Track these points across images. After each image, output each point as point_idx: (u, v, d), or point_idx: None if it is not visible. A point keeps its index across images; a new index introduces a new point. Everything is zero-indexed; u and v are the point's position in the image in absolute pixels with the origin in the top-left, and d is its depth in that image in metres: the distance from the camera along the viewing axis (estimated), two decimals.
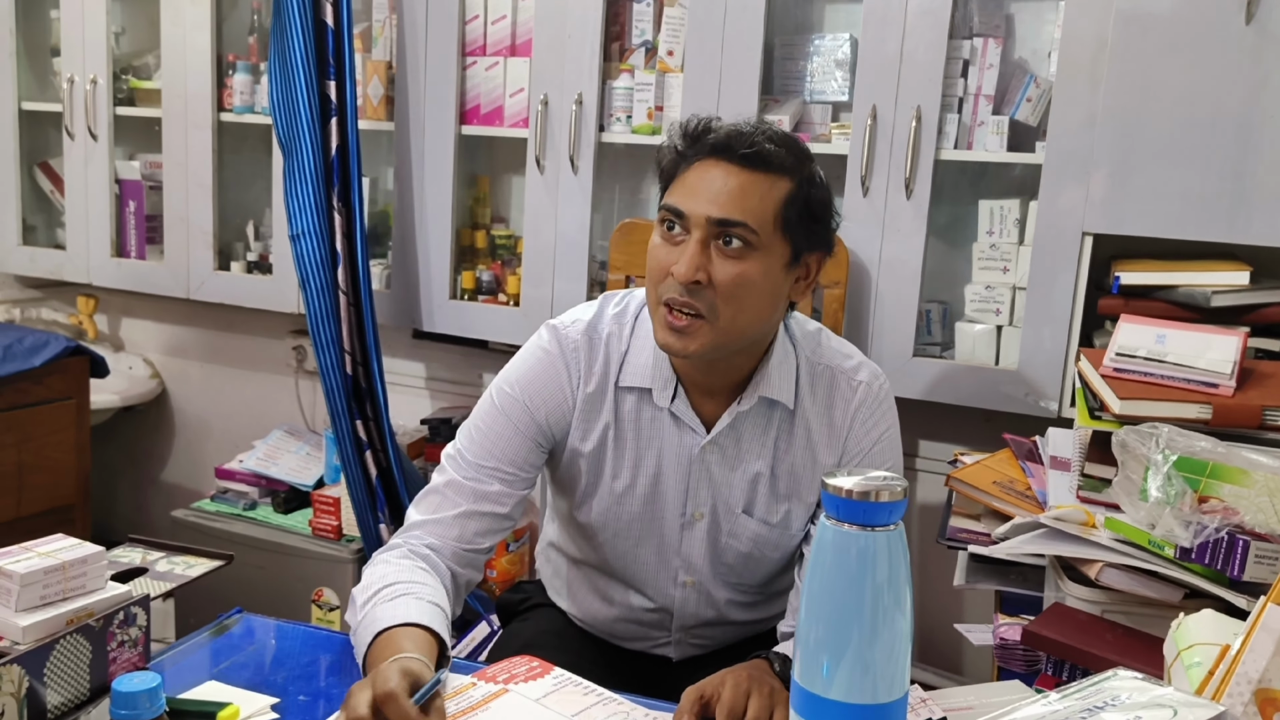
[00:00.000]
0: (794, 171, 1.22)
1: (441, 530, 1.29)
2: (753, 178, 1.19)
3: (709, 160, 1.21)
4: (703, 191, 1.19)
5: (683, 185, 1.22)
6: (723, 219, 1.18)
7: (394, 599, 1.17)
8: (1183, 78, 1.76)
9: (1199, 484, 1.19)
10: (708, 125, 1.23)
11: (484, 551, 1.32)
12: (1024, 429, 1.78)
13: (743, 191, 1.19)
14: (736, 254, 1.19)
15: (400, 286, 2.47)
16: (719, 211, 1.18)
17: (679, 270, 1.18)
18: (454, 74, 2.34)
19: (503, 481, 1.31)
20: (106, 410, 2.91)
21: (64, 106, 2.75)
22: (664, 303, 1.22)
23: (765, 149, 1.19)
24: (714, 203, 1.18)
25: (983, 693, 1.08)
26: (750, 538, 1.37)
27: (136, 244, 2.79)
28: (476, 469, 1.31)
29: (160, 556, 1.16)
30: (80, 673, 0.92)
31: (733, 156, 1.19)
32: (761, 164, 1.19)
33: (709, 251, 1.19)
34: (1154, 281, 1.79)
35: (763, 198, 1.19)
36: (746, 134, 1.20)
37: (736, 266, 1.19)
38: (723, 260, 1.19)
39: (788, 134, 1.26)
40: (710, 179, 1.20)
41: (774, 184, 1.20)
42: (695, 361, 1.27)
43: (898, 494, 0.80)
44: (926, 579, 2.32)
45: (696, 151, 1.22)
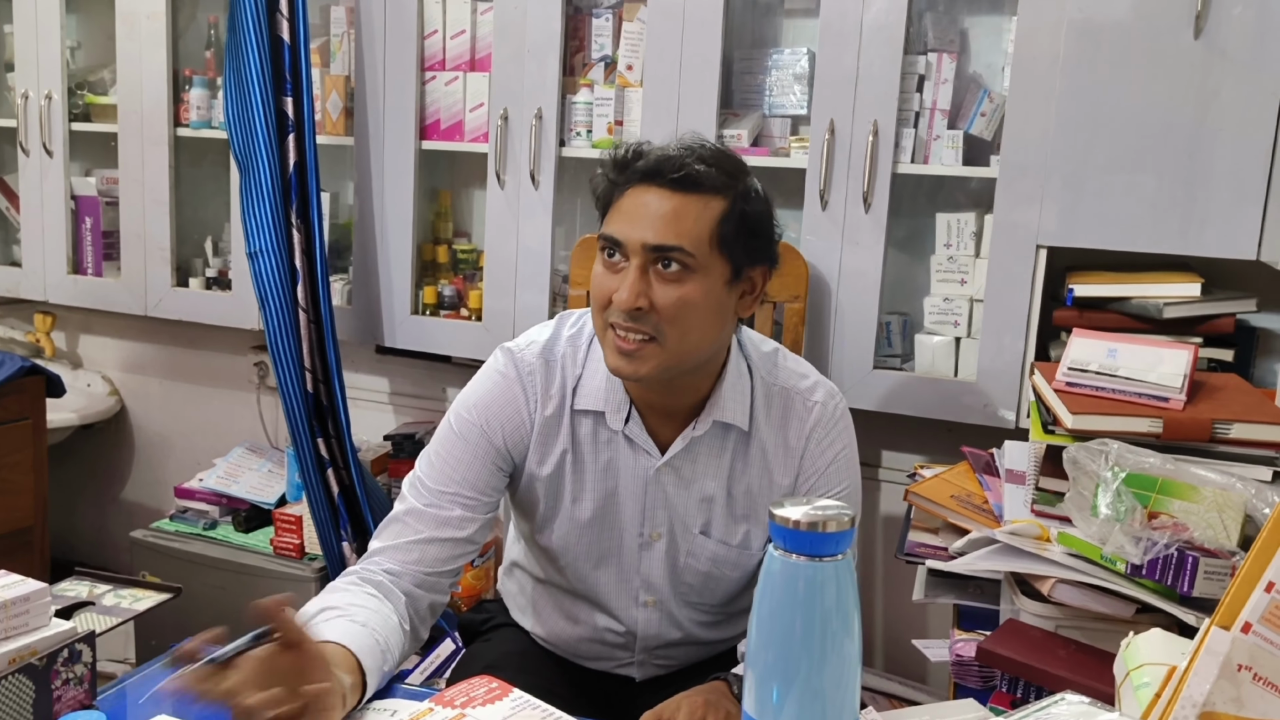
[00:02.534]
0: (727, 189, 1.22)
1: (401, 556, 1.28)
2: (685, 200, 1.20)
3: (641, 186, 1.21)
4: (637, 219, 1.20)
5: (618, 213, 1.23)
6: (658, 245, 1.19)
7: (328, 621, 1.15)
8: (1134, 91, 1.78)
9: (1149, 500, 1.20)
10: (638, 152, 1.24)
11: (448, 574, 1.31)
12: (985, 439, 1.79)
13: (676, 215, 1.19)
14: (675, 277, 1.20)
15: (362, 302, 2.45)
16: (654, 238, 1.19)
17: (619, 298, 1.19)
18: (413, 89, 2.33)
19: (464, 506, 1.30)
20: (65, 429, 2.87)
21: (18, 122, 2.71)
22: (610, 325, 1.22)
23: (694, 170, 1.20)
24: (649, 229, 1.19)
25: (938, 712, 1.09)
26: (709, 558, 1.37)
27: (94, 261, 2.75)
28: (437, 495, 1.30)
29: (107, 589, 1.14)
30: (23, 713, 0.91)
31: (663, 181, 1.20)
32: (693, 186, 1.20)
33: (648, 277, 1.20)
34: (1107, 293, 1.81)
35: (696, 219, 1.20)
36: (675, 158, 1.21)
37: (677, 290, 1.20)
38: (662, 284, 1.20)
39: (720, 151, 1.26)
40: (644, 205, 1.20)
41: (707, 204, 1.21)
42: (648, 384, 1.27)
43: (845, 524, 0.80)
44: (893, 589, 2.33)
45: (628, 179, 1.23)
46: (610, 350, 1.24)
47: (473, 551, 1.33)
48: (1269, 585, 0.81)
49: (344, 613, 1.17)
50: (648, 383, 1.26)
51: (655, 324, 1.20)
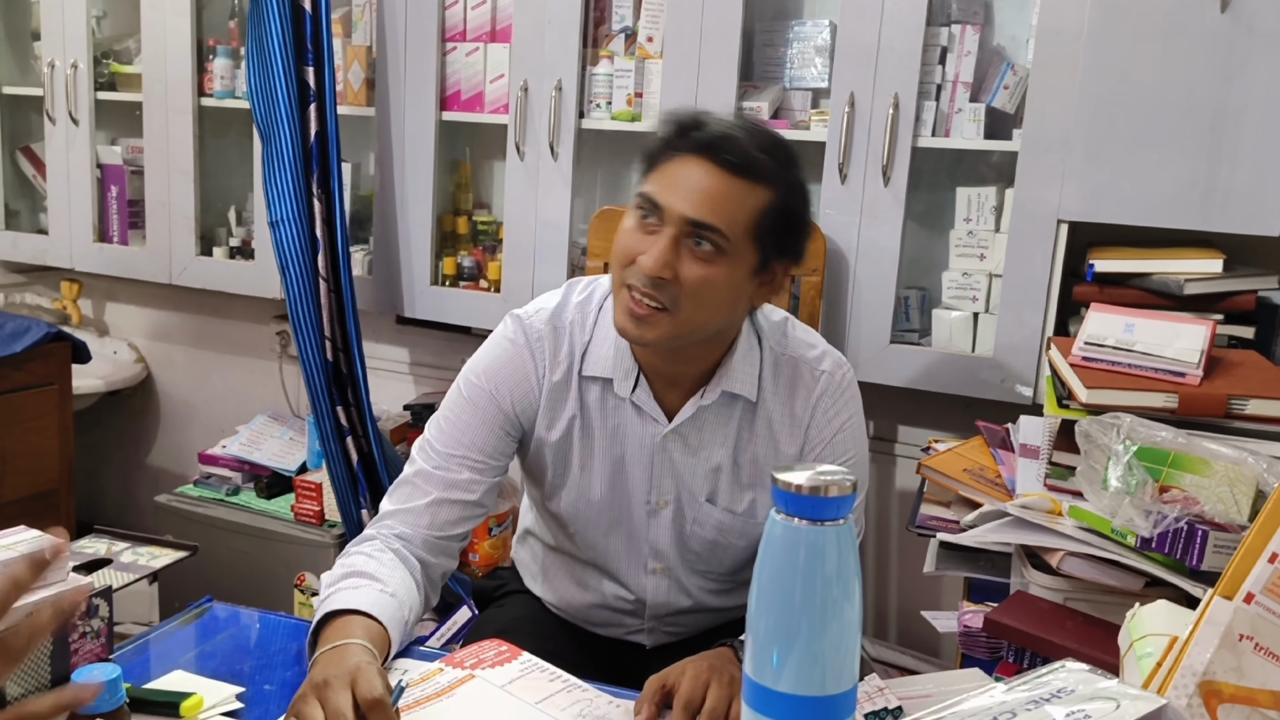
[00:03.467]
0: (776, 180, 1.21)
1: (412, 519, 1.30)
2: (733, 183, 1.18)
3: (694, 157, 1.19)
4: (682, 188, 1.19)
5: (663, 176, 1.21)
6: (696, 220, 1.18)
7: (356, 589, 1.18)
8: (1159, 66, 1.76)
9: (1160, 474, 1.20)
10: (699, 120, 1.21)
11: (457, 538, 1.33)
12: (1002, 415, 1.78)
13: (721, 196, 1.18)
14: (705, 256, 1.19)
15: (382, 273, 2.47)
16: (694, 212, 1.18)
17: (646, 263, 1.18)
18: (434, 59, 2.33)
19: (472, 469, 1.32)
20: (92, 395, 2.91)
21: (45, 91, 2.74)
22: (627, 285, 1.22)
23: (751, 156, 1.18)
24: (690, 202, 1.18)
25: (941, 681, 1.09)
26: (715, 525, 1.38)
27: (119, 229, 2.78)
28: (446, 458, 1.32)
29: (125, 547, 1.16)
30: (41, 664, 0.93)
31: (717, 158, 1.18)
32: (744, 171, 1.18)
33: (679, 248, 1.19)
34: (1128, 269, 1.79)
35: (739, 204, 1.19)
36: (735, 139, 1.19)
37: (703, 269, 1.19)
38: (691, 260, 1.19)
39: (778, 139, 1.24)
40: (691, 176, 1.19)
41: (753, 192, 1.19)
42: (656, 351, 1.28)
43: (846, 489, 0.80)
44: (908, 563, 2.33)
45: (683, 145, 1.20)
46: (621, 310, 1.23)
47: (481, 514, 1.35)
48: (1272, 556, 0.81)
49: (372, 580, 1.19)
50: (653, 348, 1.26)
51: (674, 296, 1.20)
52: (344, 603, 1.15)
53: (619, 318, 1.24)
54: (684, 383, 1.33)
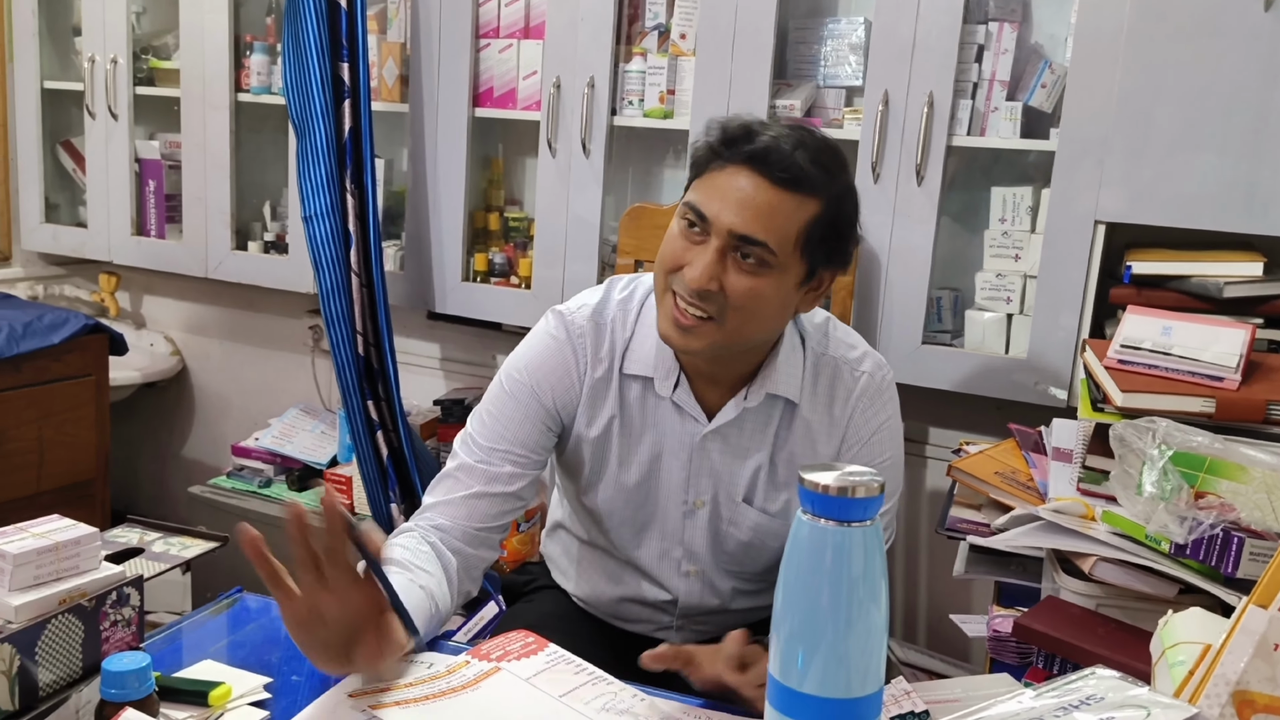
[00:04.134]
0: (825, 191, 1.19)
1: (452, 511, 1.31)
2: (782, 197, 1.16)
3: (743, 167, 1.17)
4: (730, 201, 1.17)
5: (712, 187, 1.19)
6: (744, 235, 1.17)
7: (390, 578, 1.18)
8: (1200, 65, 1.73)
9: (1196, 479, 1.18)
10: (749, 130, 1.18)
11: (497, 530, 1.34)
12: (1035, 418, 1.77)
13: (770, 210, 1.16)
14: (752, 269, 1.18)
15: (414, 268, 2.48)
16: (742, 226, 1.16)
17: (692, 276, 1.17)
18: (467, 56, 2.34)
19: (513, 464, 1.33)
20: (128, 386, 2.95)
21: (85, 86, 2.78)
22: (671, 291, 1.22)
23: (800, 168, 1.16)
24: (739, 216, 1.16)
25: (969, 685, 1.08)
26: (750, 527, 1.38)
27: (156, 223, 2.82)
28: (488, 452, 1.33)
29: (157, 537, 1.17)
30: (72, 652, 0.94)
31: (766, 171, 1.16)
32: (793, 184, 1.16)
33: (725, 260, 1.18)
34: (1166, 271, 1.76)
35: (788, 218, 1.17)
36: (786, 151, 1.16)
37: (750, 281, 1.19)
38: (737, 272, 1.18)
39: (828, 146, 1.21)
40: (739, 189, 1.17)
41: (802, 204, 1.18)
42: (699, 355, 1.27)
43: (874, 490, 0.80)
44: (938, 566, 2.31)
45: (731, 155, 1.18)
46: (665, 317, 1.23)
47: (521, 508, 1.36)
48: None
49: (402, 569, 1.20)
50: (696, 356, 1.26)
51: (720, 306, 1.19)
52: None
53: (663, 325, 1.24)
54: (725, 382, 1.32)
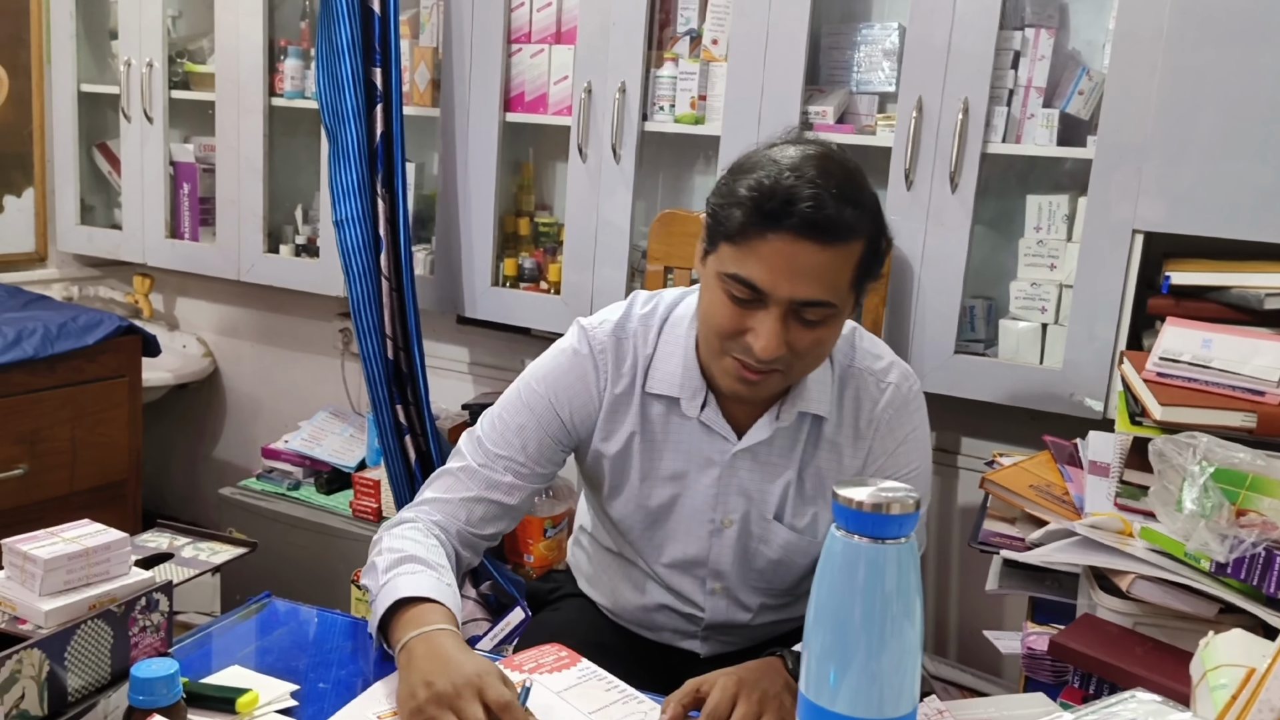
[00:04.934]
0: (868, 228, 1.17)
1: (450, 510, 1.31)
2: (833, 254, 1.14)
3: (788, 236, 1.12)
4: (782, 271, 1.13)
5: (756, 258, 1.14)
6: (806, 300, 1.15)
7: (416, 574, 1.18)
8: (1241, 71, 1.69)
9: (1237, 496, 1.15)
10: (787, 199, 1.12)
11: (486, 538, 1.34)
12: (1069, 430, 1.74)
13: (825, 270, 1.14)
14: (813, 324, 1.17)
15: (443, 272, 2.48)
16: (803, 293, 1.14)
17: (760, 348, 1.16)
18: (499, 61, 2.34)
19: (515, 474, 1.32)
20: (161, 387, 2.98)
21: (121, 89, 2.81)
22: (731, 355, 1.20)
23: (844, 220, 1.13)
24: (797, 285, 1.14)
25: (1003, 705, 1.06)
26: (781, 544, 1.36)
27: (190, 225, 2.84)
28: (493, 458, 1.32)
29: (187, 542, 1.18)
30: (101, 657, 0.94)
31: (815, 235, 1.12)
32: (842, 238, 1.14)
33: (786, 323, 1.16)
34: (1205, 282, 1.73)
35: (841, 269, 1.16)
36: (827, 209, 1.11)
37: (815, 334, 1.18)
38: (800, 329, 1.17)
39: (855, 176, 1.18)
40: (791, 258, 1.13)
41: (850, 251, 1.16)
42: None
43: (909, 506, 0.78)
44: (970, 579, 2.29)
45: (773, 225, 1.13)
46: (728, 375, 1.22)
47: (514, 521, 1.36)
48: None
49: (428, 566, 1.20)
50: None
51: (787, 361, 1.19)
52: (414, 589, 1.15)
53: (726, 381, 1.23)
54: (755, 401, 1.31)
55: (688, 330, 1.31)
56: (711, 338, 1.22)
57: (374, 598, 1.19)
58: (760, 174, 1.15)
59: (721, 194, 1.19)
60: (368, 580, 1.23)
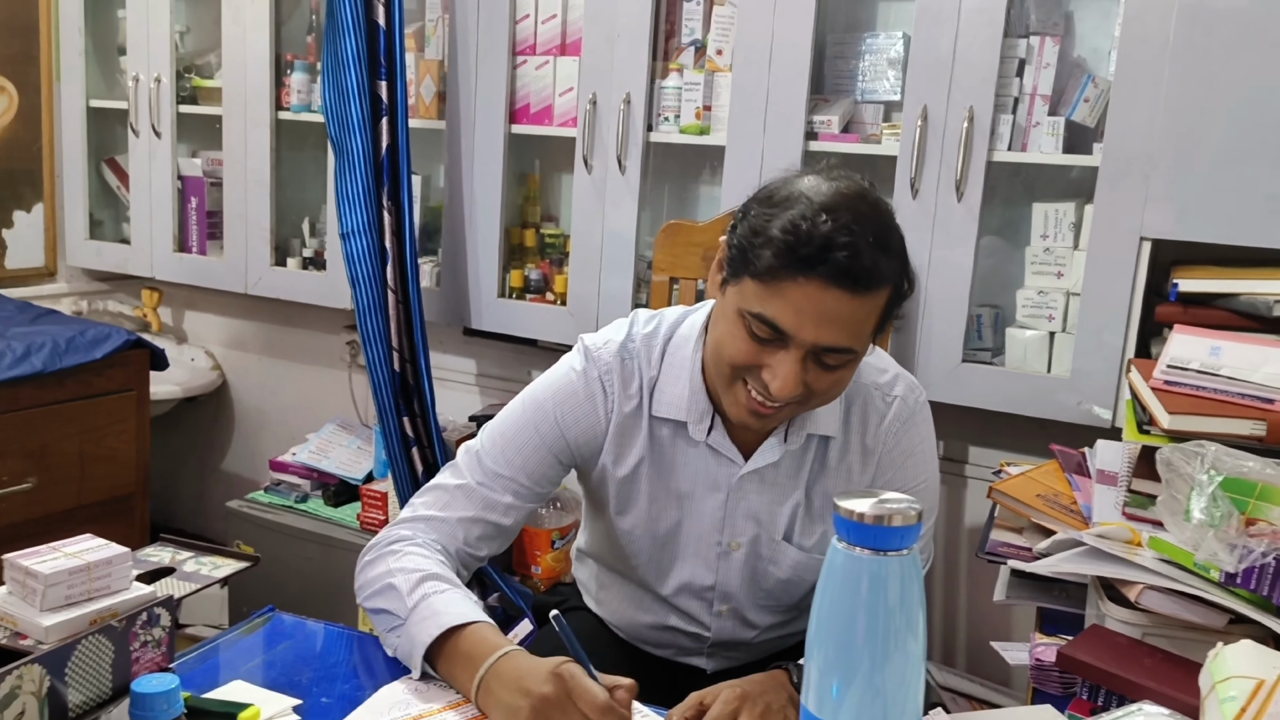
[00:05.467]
0: (896, 275, 1.14)
1: (448, 530, 1.29)
2: (862, 302, 1.10)
3: (819, 283, 1.08)
4: (809, 317, 1.10)
5: (783, 300, 1.10)
6: (831, 347, 1.12)
7: (444, 592, 1.17)
8: (1247, 77, 1.69)
9: (1246, 505, 1.14)
10: (823, 245, 1.07)
11: (480, 559, 1.32)
12: (1078, 438, 1.73)
13: (854, 318, 1.11)
14: (834, 367, 1.16)
15: (450, 284, 2.48)
16: (828, 340, 1.11)
17: (778, 389, 1.13)
18: (504, 73, 2.34)
19: (515, 494, 1.30)
20: (169, 401, 2.98)
21: (129, 104, 2.82)
22: (744, 383, 1.18)
23: (878, 269, 1.09)
24: (823, 331, 1.11)
25: (1009, 716, 1.05)
26: (791, 565, 1.35)
27: (198, 239, 2.85)
28: (493, 476, 1.30)
29: (189, 556, 1.18)
30: (102, 672, 0.94)
31: (851, 285, 1.08)
32: (873, 286, 1.11)
33: (806, 364, 1.14)
34: (1214, 289, 1.72)
35: (868, 317, 1.13)
36: (867, 264, 1.08)
37: (834, 376, 1.16)
38: (819, 371, 1.15)
39: (887, 222, 1.13)
40: (820, 304, 1.09)
41: (878, 298, 1.13)
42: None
43: (911, 519, 0.78)
44: (978, 589, 2.27)
45: (807, 269, 1.08)
46: (738, 405, 1.20)
47: (506, 541, 1.34)
48: None
49: (451, 584, 1.19)
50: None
51: (801, 399, 1.17)
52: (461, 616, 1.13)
53: (735, 411, 1.21)
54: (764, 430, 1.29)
55: (693, 352, 1.29)
56: (724, 367, 1.19)
57: (401, 621, 1.16)
58: (794, 213, 1.09)
59: (752, 228, 1.13)
60: (384, 602, 1.19)
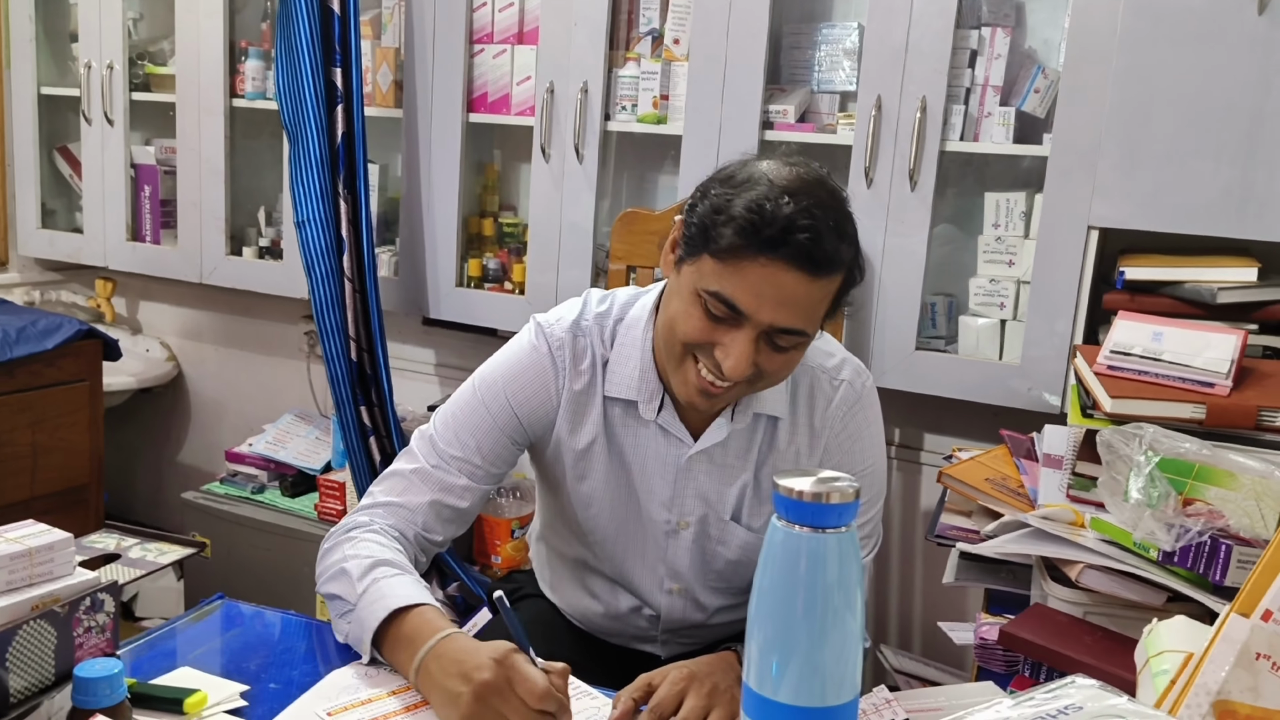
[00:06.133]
0: (850, 260, 1.16)
1: (406, 515, 1.29)
2: (819, 284, 1.13)
3: (779, 263, 1.10)
4: (768, 298, 1.11)
5: (741, 279, 1.11)
6: (785, 328, 1.14)
7: (394, 577, 1.16)
8: (1193, 69, 1.72)
9: (1184, 486, 1.16)
10: (785, 227, 1.09)
11: (439, 544, 1.32)
12: (1028, 424, 1.76)
13: (809, 301, 1.13)
14: (785, 349, 1.17)
15: (408, 274, 2.47)
16: (784, 321, 1.13)
17: (729, 368, 1.14)
18: (461, 61, 2.33)
19: (470, 476, 1.30)
20: (124, 392, 2.95)
21: (81, 91, 2.78)
22: (693, 359, 1.19)
23: (835, 252, 1.11)
24: (778, 312, 1.12)
25: (952, 694, 1.07)
26: (739, 545, 1.36)
27: (152, 228, 2.82)
28: (447, 458, 1.30)
29: (135, 543, 1.17)
30: (44, 658, 0.93)
31: (810, 267, 1.10)
32: (830, 270, 1.13)
33: (757, 344, 1.15)
34: (1160, 277, 1.75)
35: (823, 301, 1.15)
36: (829, 248, 1.10)
37: (784, 358, 1.18)
38: (770, 352, 1.16)
39: (842, 208, 1.15)
40: (776, 285, 1.11)
41: (833, 283, 1.15)
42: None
43: (849, 496, 0.78)
44: (931, 573, 2.30)
45: (767, 249, 1.10)
46: (686, 384, 1.21)
47: (466, 524, 1.34)
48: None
49: (403, 571, 1.18)
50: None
51: (750, 380, 1.18)
52: (405, 597, 1.13)
53: (684, 390, 1.22)
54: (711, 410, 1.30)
55: (644, 332, 1.30)
56: (675, 345, 1.20)
57: (351, 606, 1.16)
58: (757, 193, 1.11)
59: (714, 207, 1.13)
60: (337, 588, 1.19)
